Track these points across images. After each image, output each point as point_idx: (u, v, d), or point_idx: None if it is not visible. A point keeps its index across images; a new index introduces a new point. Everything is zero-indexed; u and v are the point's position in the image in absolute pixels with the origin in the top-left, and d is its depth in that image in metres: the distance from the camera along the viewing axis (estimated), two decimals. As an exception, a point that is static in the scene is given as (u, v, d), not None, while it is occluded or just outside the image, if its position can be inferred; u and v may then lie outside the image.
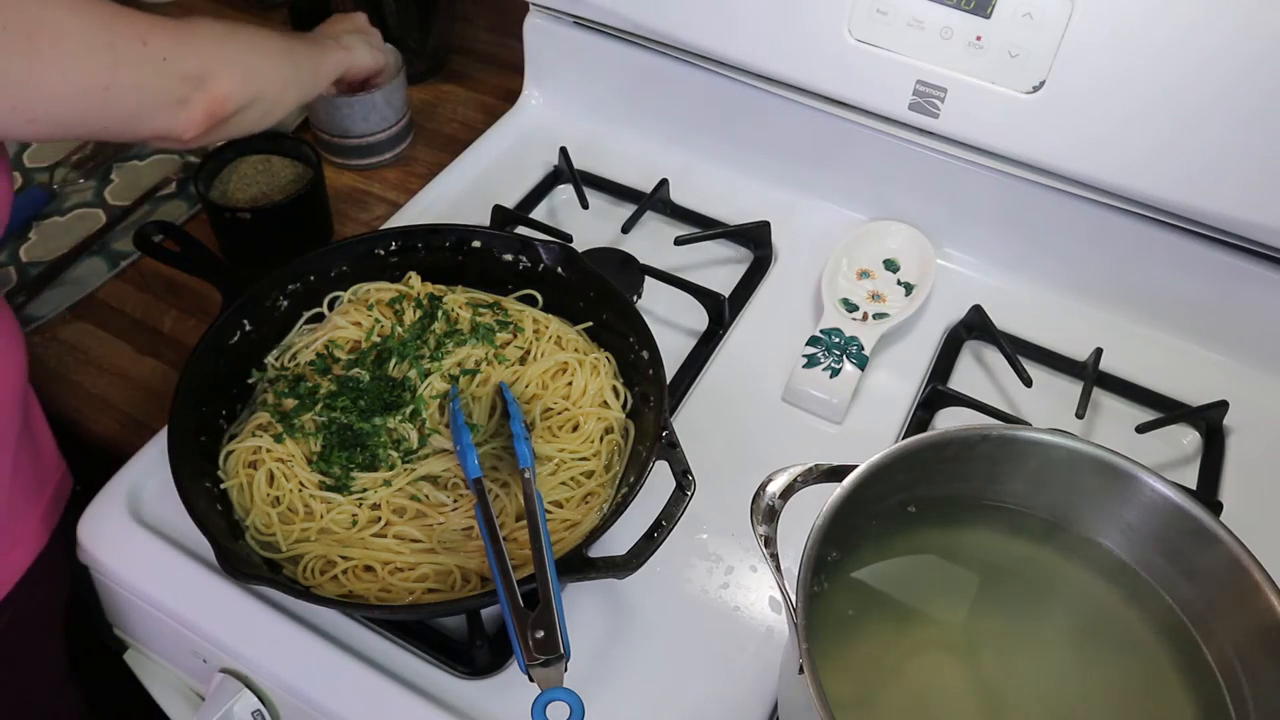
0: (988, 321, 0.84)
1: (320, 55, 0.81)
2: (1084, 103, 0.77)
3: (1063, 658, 0.57)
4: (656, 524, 0.63)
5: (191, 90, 0.65)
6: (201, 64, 0.66)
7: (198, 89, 0.66)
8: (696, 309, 0.87)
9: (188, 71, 0.65)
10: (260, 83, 0.71)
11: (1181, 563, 0.56)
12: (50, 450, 0.76)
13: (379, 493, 0.68)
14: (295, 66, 0.76)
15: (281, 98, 0.74)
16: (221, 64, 0.67)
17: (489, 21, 1.23)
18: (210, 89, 0.66)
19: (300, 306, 0.79)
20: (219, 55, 0.67)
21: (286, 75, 0.74)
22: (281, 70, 0.74)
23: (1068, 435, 0.58)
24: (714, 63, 0.92)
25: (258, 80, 0.71)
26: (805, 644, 0.49)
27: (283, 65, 0.74)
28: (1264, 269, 0.79)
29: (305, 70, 0.78)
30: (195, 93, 0.65)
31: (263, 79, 0.72)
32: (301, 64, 0.77)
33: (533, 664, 0.54)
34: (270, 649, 0.67)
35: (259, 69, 0.72)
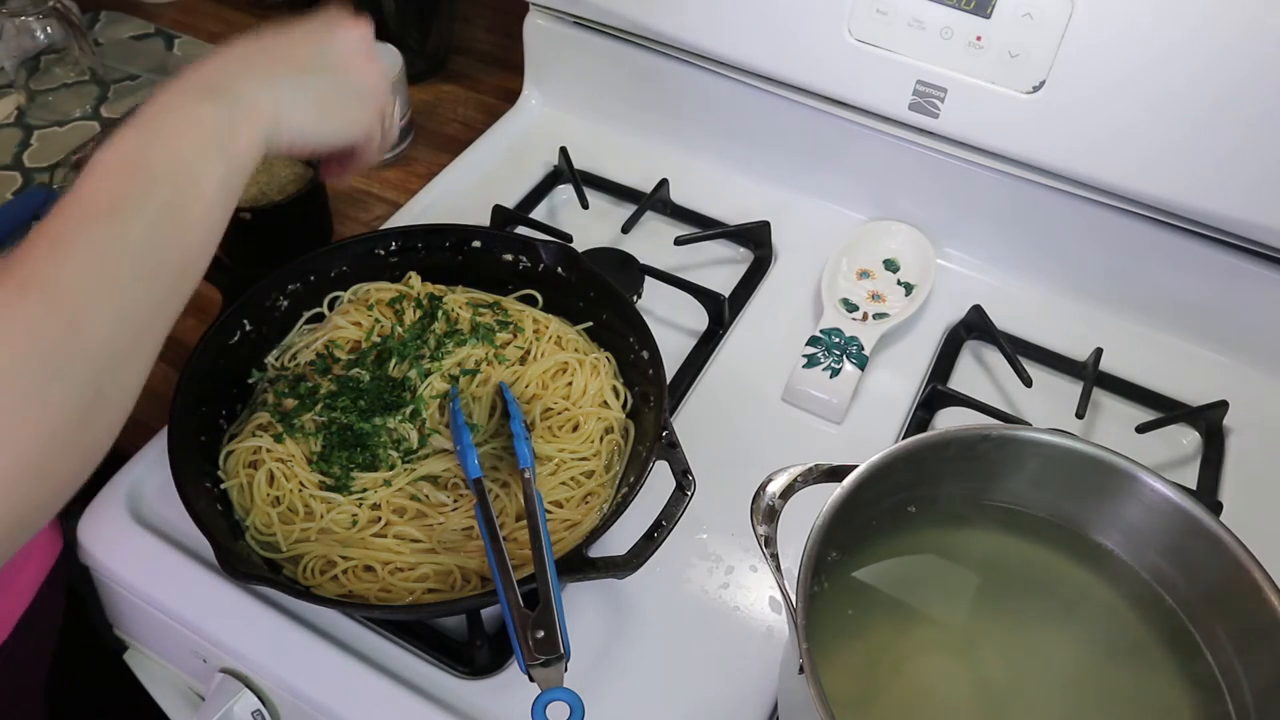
0: (988, 321, 0.84)
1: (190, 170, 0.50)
2: (1084, 103, 0.77)
3: (1062, 657, 0.57)
4: (656, 524, 0.63)
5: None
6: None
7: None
8: (696, 309, 0.87)
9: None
10: (93, 370, 0.45)
11: (1181, 563, 0.56)
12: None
13: (379, 493, 0.68)
14: (147, 256, 0.47)
15: (148, 343, 0.49)
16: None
17: (489, 21, 1.23)
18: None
19: (300, 306, 0.79)
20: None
21: (137, 300, 0.47)
22: (128, 296, 0.46)
23: (1068, 435, 0.58)
24: (714, 63, 0.92)
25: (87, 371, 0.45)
26: (805, 644, 0.49)
27: (126, 285, 0.46)
28: (1264, 269, 0.79)
29: (165, 235, 0.48)
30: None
31: (91, 357, 0.45)
32: (153, 235, 0.48)
33: (533, 664, 0.54)
34: (270, 649, 0.67)
35: (83, 350, 0.44)
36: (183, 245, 0.49)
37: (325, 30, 0.59)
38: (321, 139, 0.59)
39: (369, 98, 0.61)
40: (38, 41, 1.06)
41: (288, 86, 0.55)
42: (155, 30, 1.20)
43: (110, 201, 0.47)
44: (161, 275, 0.48)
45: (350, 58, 0.60)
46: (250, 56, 0.55)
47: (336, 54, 0.59)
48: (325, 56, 0.58)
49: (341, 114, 0.59)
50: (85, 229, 0.46)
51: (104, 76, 1.12)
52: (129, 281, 0.46)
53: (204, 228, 0.50)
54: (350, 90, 0.60)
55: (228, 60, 0.55)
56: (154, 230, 0.47)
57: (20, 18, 1.04)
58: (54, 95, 1.09)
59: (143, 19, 1.22)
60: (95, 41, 1.16)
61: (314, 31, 0.59)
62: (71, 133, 1.06)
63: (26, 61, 1.07)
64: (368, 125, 0.62)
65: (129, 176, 0.48)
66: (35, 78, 1.09)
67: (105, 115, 1.08)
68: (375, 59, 0.61)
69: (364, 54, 0.60)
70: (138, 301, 0.47)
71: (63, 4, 1.06)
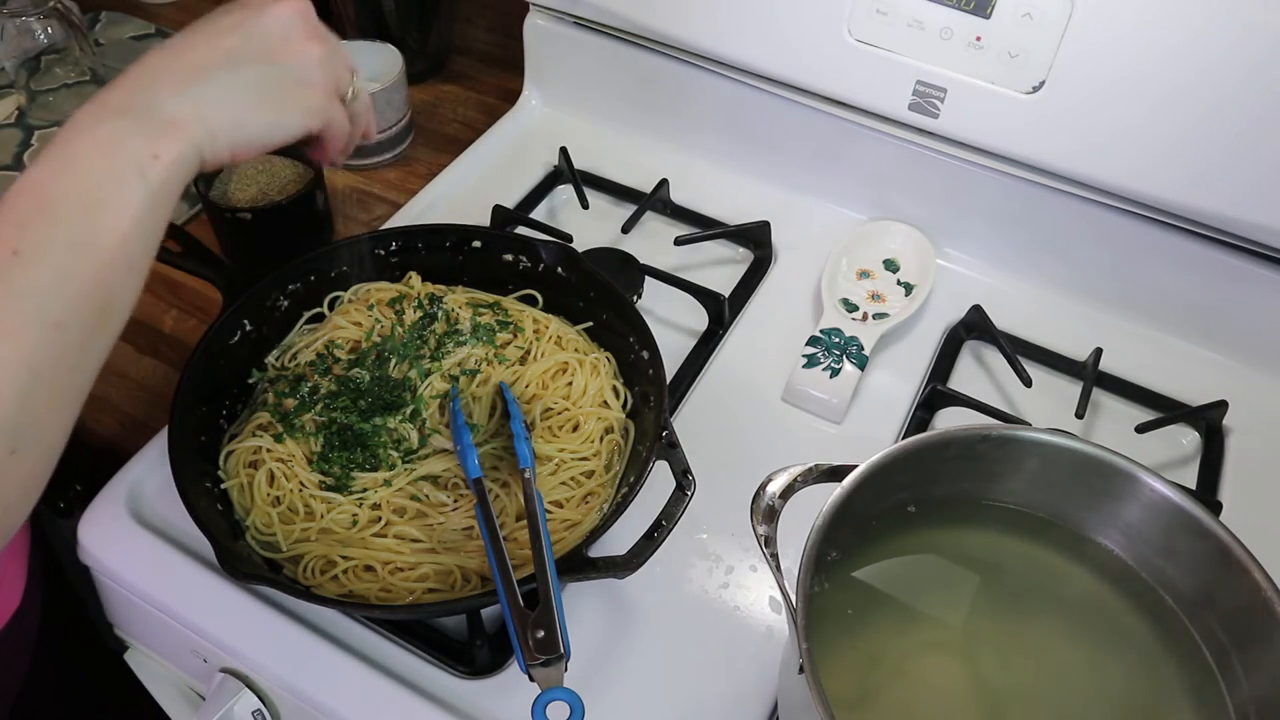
0: (988, 321, 0.84)
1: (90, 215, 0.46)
2: (1084, 103, 0.77)
3: (1062, 657, 0.57)
4: (656, 524, 0.63)
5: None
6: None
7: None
8: (696, 309, 0.87)
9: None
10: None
11: (1181, 563, 0.56)
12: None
13: (379, 493, 0.68)
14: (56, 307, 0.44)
15: (68, 396, 0.46)
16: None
17: (489, 21, 1.23)
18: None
19: (300, 306, 0.79)
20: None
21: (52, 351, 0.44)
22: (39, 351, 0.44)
23: (1068, 435, 0.58)
24: (714, 62, 0.92)
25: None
26: (805, 644, 0.49)
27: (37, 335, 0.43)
28: (1264, 269, 0.79)
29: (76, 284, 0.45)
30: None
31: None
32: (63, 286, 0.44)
33: (533, 664, 0.54)
34: (270, 649, 0.67)
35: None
36: (100, 283, 0.45)
37: (251, 14, 0.53)
38: (264, 137, 0.53)
39: (312, 79, 0.55)
40: (38, 42, 1.06)
41: (212, 88, 0.50)
42: (155, 30, 1.20)
43: (14, 244, 0.43)
44: (76, 319, 0.44)
45: (283, 39, 0.53)
46: (167, 61, 0.50)
47: (266, 38, 0.53)
48: (253, 43, 0.52)
49: (280, 104, 0.54)
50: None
51: (104, 77, 1.12)
52: (38, 331, 0.43)
53: (123, 260, 0.46)
54: (288, 75, 0.54)
55: (144, 69, 0.50)
56: (62, 272, 0.44)
57: (21, 18, 1.04)
58: (54, 95, 1.09)
59: (143, 19, 1.22)
60: (95, 42, 1.16)
61: (238, 17, 0.53)
62: (72, 133, 1.06)
63: (27, 62, 1.07)
64: (318, 108, 0.56)
65: (35, 213, 0.44)
66: (36, 78, 1.09)
67: (105, 115, 1.08)
68: (317, 35, 0.55)
69: (301, 31, 0.54)
70: (51, 351, 0.43)
71: (63, 4, 1.06)
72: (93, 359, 0.46)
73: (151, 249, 0.48)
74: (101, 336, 0.46)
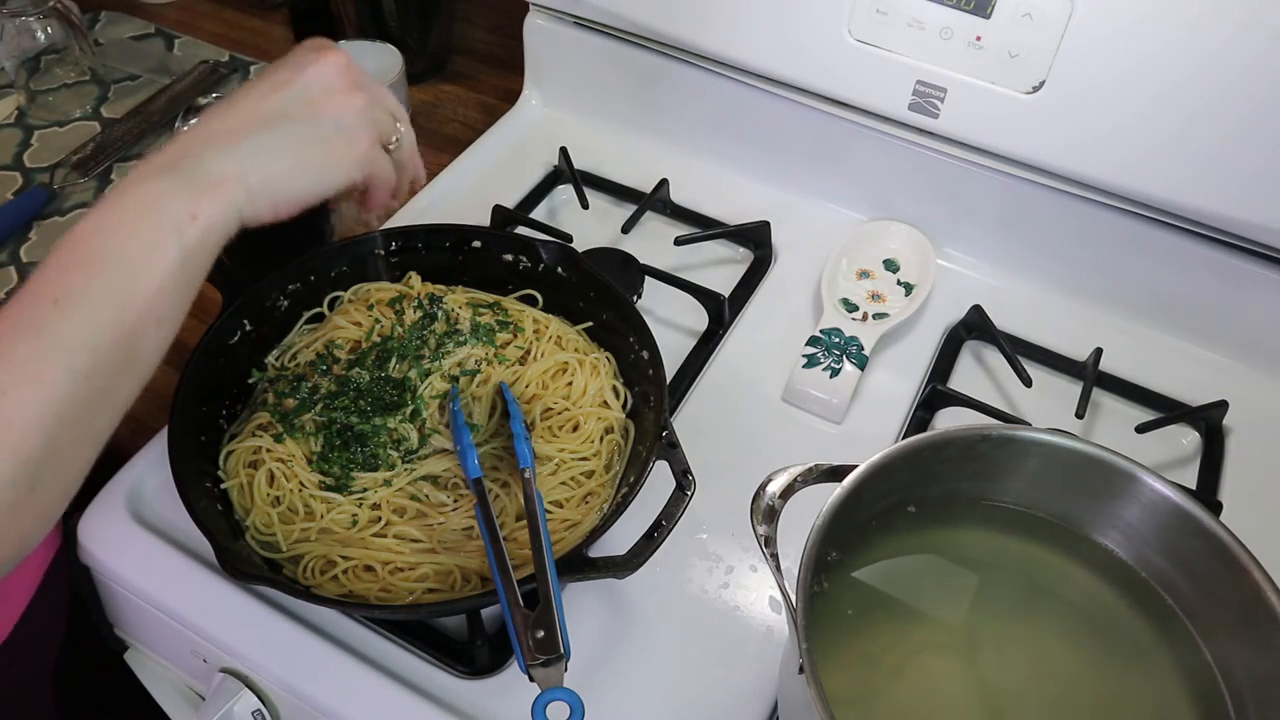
0: (987, 321, 0.84)
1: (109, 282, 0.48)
2: (1084, 103, 0.77)
3: (1062, 657, 0.57)
4: (656, 524, 0.63)
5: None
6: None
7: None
8: (696, 309, 0.87)
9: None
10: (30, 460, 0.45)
11: (1181, 563, 0.56)
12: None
13: (379, 493, 0.68)
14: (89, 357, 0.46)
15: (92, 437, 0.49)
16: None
17: (489, 21, 1.23)
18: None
19: (300, 306, 0.79)
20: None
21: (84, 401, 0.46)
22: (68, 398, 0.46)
23: (1068, 435, 0.58)
24: (714, 62, 0.92)
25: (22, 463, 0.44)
26: (805, 644, 0.49)
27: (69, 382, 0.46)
28: (1264, 269, 0.79)
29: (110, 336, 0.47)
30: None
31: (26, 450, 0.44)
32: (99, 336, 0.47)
33: (533, 664, 0.54)
34: (270, 649, 0.67)
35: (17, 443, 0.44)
36: (129, 335, 0.47)
37: (294, 71, 0.55)
38: (306, 192, 0.55)
39: (357, 130, 0.56)
40: (38, 41, 1.06)
41: (253, 148, 0.52)
42: (155, 30, 1.20)
43: (55, 294, 0.46)
44: (104, 367, 0.47)
45: (324, 92, 0.55)
46: (214, 123, 0.53)
47: (308, 94, 0.55)
48: (295, 101, 0.54)
49: (323, 160, 0.55)
50: (28, 325, 0.45)
51: (104, 76, 1.12)
52: (66, 378, 0.45)
53: (152, 315, 0.48)
54: (331, 130, 0.55)
55: (193, 133, 0.52)
56: (96, 323, 0.46)
57: (20, 18, 1.04)
58: (54, 95, 1.09)
59: (143, 19, 1.22)
60: (95, 41, 1.16)
61: (281, 77, 0.55)
62: (71, 133, 1.06)
63: (27, 61, 1.07)
64: (362, 159, 0.57)
65: (77, 265, 0.47)
66: (35, 78, 1.09)
67: (105, 115, 1.08)
68: (360, 86, 0.56)
69: (342, 85, 0.56)
70: (76, 396, 0.45)
71: (63, 4, 1.06)
72: (116, 405, 0.48)
73: (184, 304, 0.50)
74: (126, 385, 0.48)
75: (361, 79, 0.57)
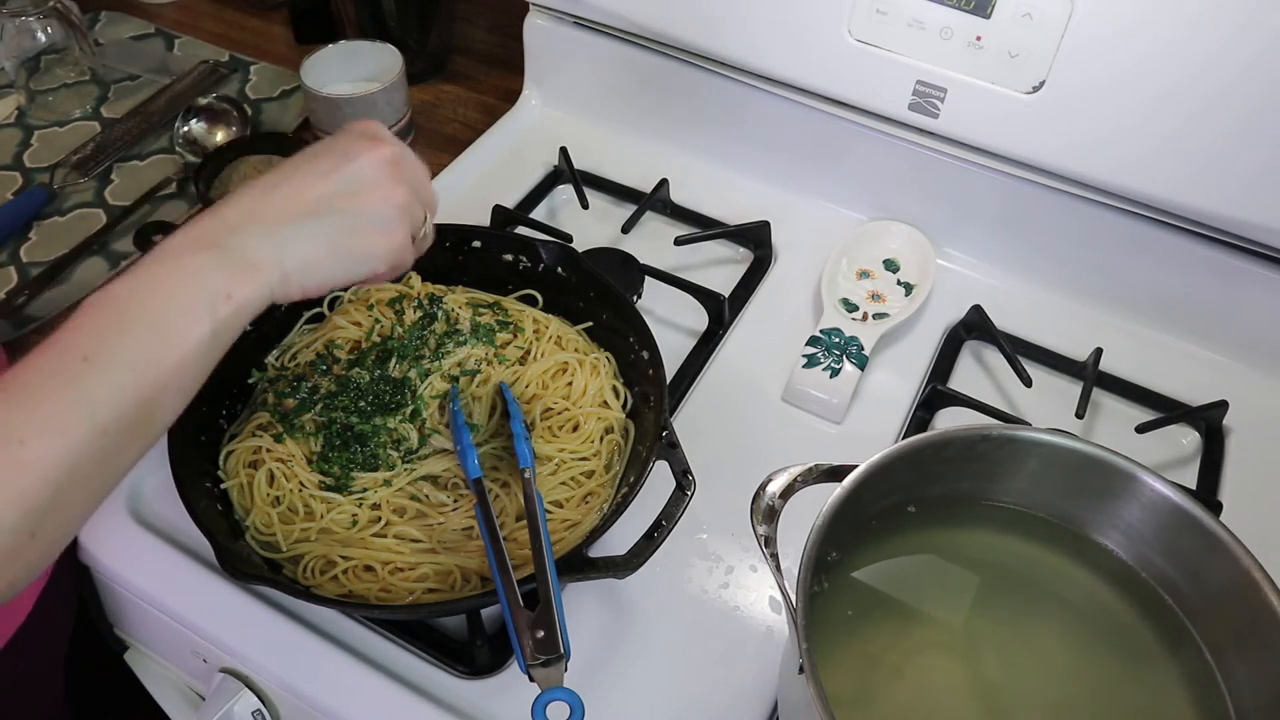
0: (988, 321, 0.84)
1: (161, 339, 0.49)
2: (1084, 103, 0.77)
3: (1062, 657, 0.57)
4: (656, 524, 0.63)
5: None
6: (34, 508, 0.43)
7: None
8: (696, 309, 0.87)
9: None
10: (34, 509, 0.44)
11: (1181, 563, 0.56)
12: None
13: (379, 493, 0.68)
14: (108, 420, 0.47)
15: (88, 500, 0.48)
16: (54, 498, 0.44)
17: (489, 21, 1.23)
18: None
19: (300, 306, 0.79)
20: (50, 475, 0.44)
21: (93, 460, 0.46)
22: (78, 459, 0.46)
23: (1068, 435, 0.58)
24: (714, 63, 0.92)
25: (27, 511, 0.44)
26: (805, 644, 0.49)
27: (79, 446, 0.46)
28: (1264, 269, 0.79)
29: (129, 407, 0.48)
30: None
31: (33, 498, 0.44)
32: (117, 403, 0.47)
33: (533, 664, 0.54)
34: (270, 649, 0.67)
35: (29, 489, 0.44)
36: (150, 399, 0.48)
37: (342, 159, 0.55)
38: (337, 280, 0.56)
39: (394, 225, 0.57)
40: (38, 41, 1.06)
41: (295, 236, 0.53)
42: (155, 30, 1.20)
43: (85, 351, 0.47)
44: (120, 427, 0.47)
45: (371, 186, 0.55)
46: (258, 203, 0.53)
47: (354, 185, 0.55)
48: (340, 191, 0.55)
49: (358, 251, 0.56)
50: (58, 378, 0.46)
51: (104, 76, 1.12)
52: (85, 433, 0.46)
53: (175, 384, 0.49)
54: (370, 223, 0.55)
55: (237, 208, 0.53)
56: (120, 385, 0.47)
57: (20, 18, 1.04)
58: (54, 95, 1.09)
59: (143, 19, 1.22)
60: (95, 41, 1.16)
61: (331, 163, 0.55)
62: (71, 133, 1.06)
63: (27, 61, 1.07)
64: (392, 252, 0.57)
65: (111, 327, 0.48)
66: (35, 78, 1.09)
67: (105, 115, 1.08)
68: (403, 181, 0.56)
69: (388, 178, 0.56)
70: (91, 452, 0.46)
71: (63, 4, 1.06)
72: (123, 467, 0.49)
73: (202, 378, 0.51)
74: (136, 448, 0.49)
75: (406, 173, 0.57)
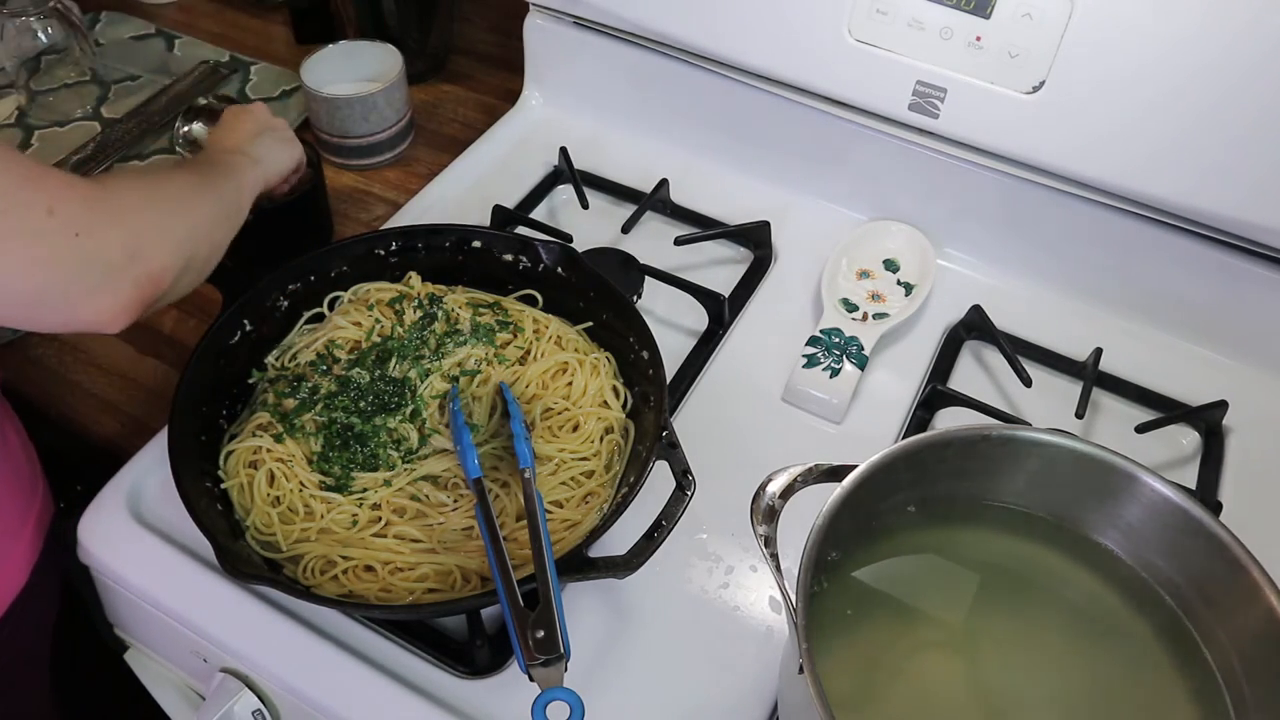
0: (987, 321, 0.84)
1: (238, 181, 0.70)
2: (1084, 103, 0.77)
3: (1062, 657, 0.57)
4: (656, 524, 0.63)
5: (115, 274, 0.55)
6: (127, 239, 0.56)
7: (124, 270, 0.55)
8: (696, 309, 0.87)
9: (109, 251, 0.55)
10: (194, 244, 0.61)
11: (1181, 563, 0.56)
12: (29, 471, 0.75)
13: (379, 493, 0.68)
14: (223, 209, 0.67)
15: (213, 254, 0.65)
16: (151, 235, 0.57)
17: (489, 21, 1.23)
18: (141, 268, 0.56)
19: (300, 306, 0.79)
20: (145, 224, 0.57)
21: (218, 225, 0.65)
22: (213, 223, 0.65)
23: (1068, 435, 0.58)
24: (714, 63, 0.92)
25: (191, 243, 0.61)
26: (805, 644, 0.49)
27: (214, 215, 0.65)
28: (1263, 269, 0.79)
29: (232, 207, 0.68)
30: (121, 276, 0.55)
31: (196, 240, 0.61)
32: (227, 200, 0.68)
33: (533, 664, 0.54)
34: (270, 649, 0.67)
35: (192, 230, 0.61)
36: (222, 229, 0.68)
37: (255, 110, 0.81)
38: (284, 170, 0.80)
39: (294, 140, 0.82)
40: (38, 42, 1.06)
41: (266, 148, 0.77)
42: (155, 30, 1.20)
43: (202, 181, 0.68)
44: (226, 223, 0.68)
45: (290, 144, 0.81)
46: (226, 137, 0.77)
47: (270, 122, 0.80)
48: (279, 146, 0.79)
49: (290, 154, 0.81)
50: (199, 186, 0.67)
51: (104, 76, 1.12)
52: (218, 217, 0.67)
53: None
54: (287, 139, 0.81)
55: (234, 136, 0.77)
56: (224, 209, 0.68)
57: (21, 18, 1.04)
58: (54, 95, 1.09)
59: (143, 19, 1.22)
60: (95, 42, 1.16)
61: (256, 113, 0.80)
62: (72, 133, 1.06)
63: (27, 62, 1.07)
64: (299, 157, 0.83)
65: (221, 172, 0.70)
66: (36, 78, 1.09)
67: (105, 115, 1.08)
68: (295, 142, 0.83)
69: (293, 140, 0.82)
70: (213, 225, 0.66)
71: (63, 4, 1.06)
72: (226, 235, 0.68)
73: (231, 236, 0.69)
74: (228, 230, 0.68)
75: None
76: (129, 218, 0.56)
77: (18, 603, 0.71)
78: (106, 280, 0.55)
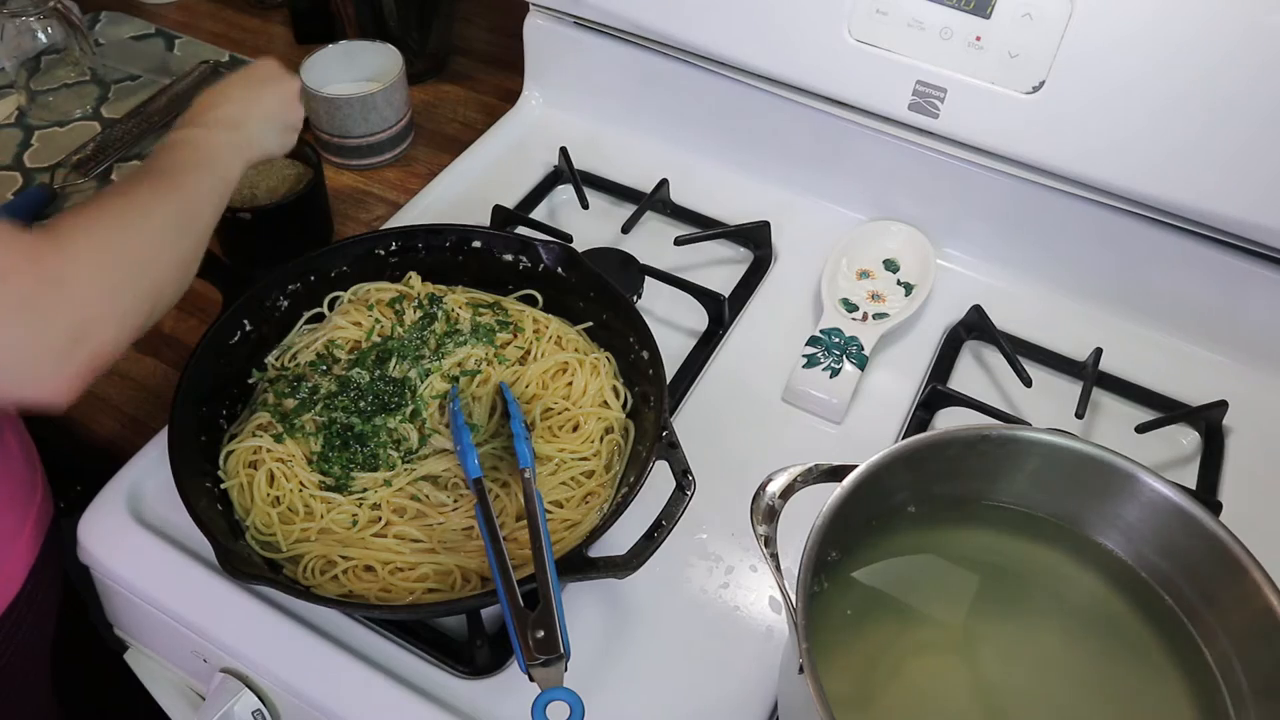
0: (987, 321, 0.84)
1: (209, 166, 0.65)
2: (1083, 103, 0.77)
3: (1062, 657, 0.57)
4: (656, 524, 0.63)
5: (60, 360, 0.50)
6: (74, 322, 0.51)
7: (69, 355, 0.51)
8: (696, 309, 0.87)
9: (54, 336, 0.50)
10: (154, 294, 0.56)
11: (1181, 563, 0.56)
12: (28, 472, 0.75)
13: (379, 493, 0.68)
14: (191, 213, 0.62)
15: (179, 279, 0.60)
16: (102, 308, 0.52)
17: (489, 21, 1.23)
18: (86, 350, 0.51)
19: (300, 306, 0.79)
20: (96, 295, 0.52)
21: (182, 249, 0.60)
22: (176, 246, 0.59)
23: (1068, 435, 0.58)
24: (714, 63, 0.92)
25: (151, 297, 0.56)
26: (805, 644, 0.49)
27: (177, 238, 0.60)
28: (1264, 269, 0.79)
29: (203, 204, 0.63)
30: (65, 361, 0.51)
31: (158, 287, 0.57)
32: (200, 199, 0.63)
33: (533, 664, 0.54)
34: (270, 649, 0.67)
35: (153, 282, 0.56)
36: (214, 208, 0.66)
37: (276, 82, 0.77)
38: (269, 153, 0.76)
39: (295, 128, 0.78)
40: (38, 42, 1.06)
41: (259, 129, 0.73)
42: (155, 30, 1.20)
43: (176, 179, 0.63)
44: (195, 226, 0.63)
45: (288, 104, 0.76)
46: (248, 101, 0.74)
47: (282, 101, 0.76)
48: (278, 104, 0.76)
49: (282, 141, 0.76)
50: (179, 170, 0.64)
51: (104, 77, 1.12)
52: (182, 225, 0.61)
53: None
54: (288, 126, 0.77)
55: (227, 109, 0.73)
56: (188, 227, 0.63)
57: (21, 18, 1.04)
58: (54, 95, 1.09)
59: (143, 19, 1.22)
60: (96, 42, 1.16)
61: (273, 83, 0.76)
62: (72, 133, 1.06)
63: (27, 62, 1.07)
64: (290, 144, 0.78)
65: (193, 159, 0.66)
66: (36, 78, 1.09)
67: (105, 115, 1.08)
68: (299, 101, 0.79)
69: (295, 98, 0.78)
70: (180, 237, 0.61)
71: (63, 4, 1.06)
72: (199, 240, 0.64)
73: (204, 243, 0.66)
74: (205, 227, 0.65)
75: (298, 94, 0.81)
76: (79, 292, 0.51)
77: (17, 603, 0.71)
78: (51, 366, 0.51)
